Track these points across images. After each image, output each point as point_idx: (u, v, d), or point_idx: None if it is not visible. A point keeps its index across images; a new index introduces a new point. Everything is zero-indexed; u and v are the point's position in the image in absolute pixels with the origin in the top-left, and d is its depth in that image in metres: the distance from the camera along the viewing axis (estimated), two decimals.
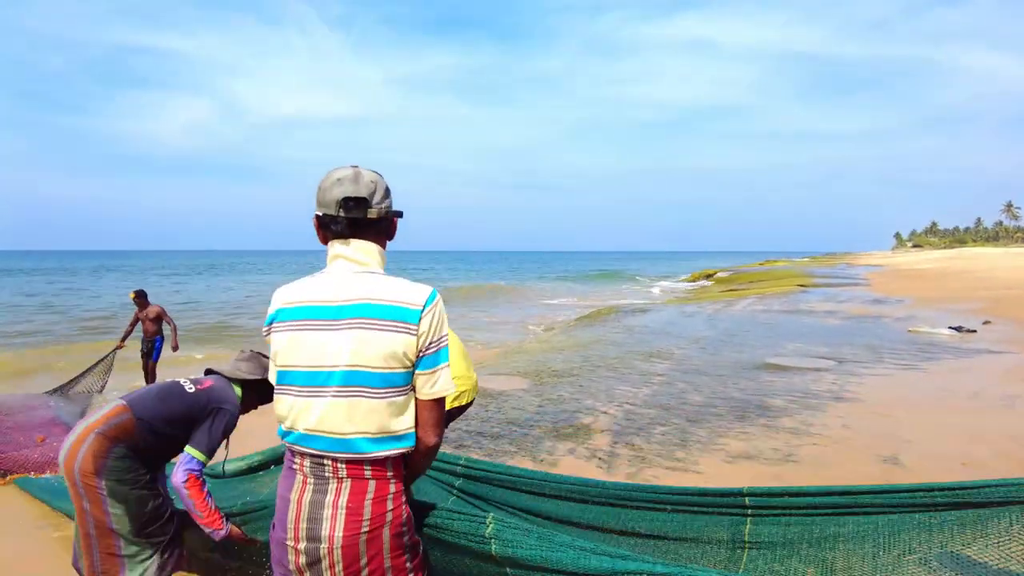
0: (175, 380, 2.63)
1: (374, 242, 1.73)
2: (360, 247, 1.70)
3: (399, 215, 1.80)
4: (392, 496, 1.64)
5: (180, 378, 2.66)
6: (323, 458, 1.62)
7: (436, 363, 1.65)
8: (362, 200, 1.68)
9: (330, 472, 1.62)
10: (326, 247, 1.73)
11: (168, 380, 2.67)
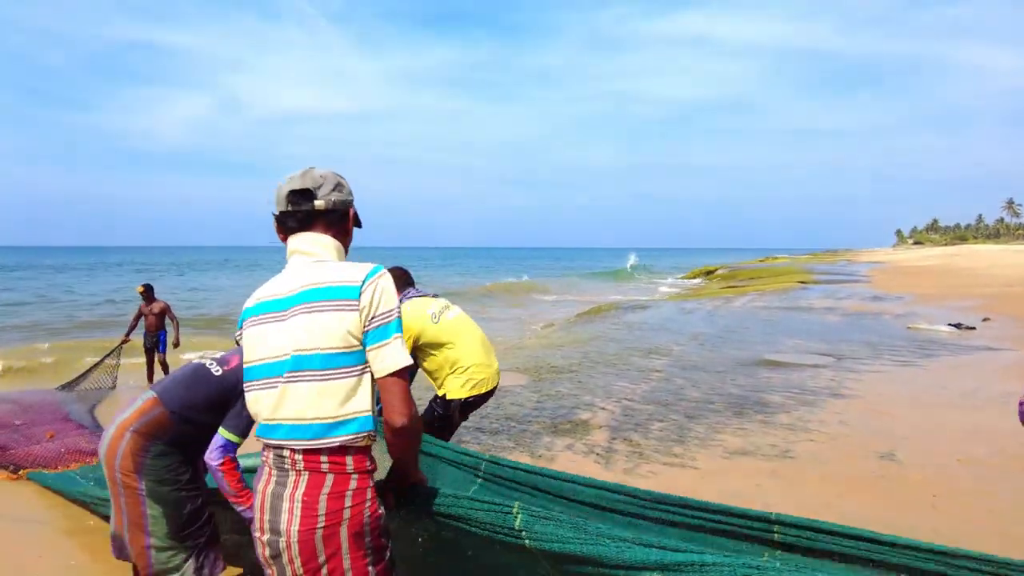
0: (200, 363, 2.53)
1: (326, 233, 1.76)
2: (311, 239, 1.74)
3: (348, 204, 1.80)
4: (352, 492, 1.59)
5: (205, 359, 2.56)
6: (283, 448, 1.63)
7: (383, 336, 1.62)
8: (306, 191, 1.73)
9: (288, 464, 1.62)
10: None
11: (193, 363, 2.55)
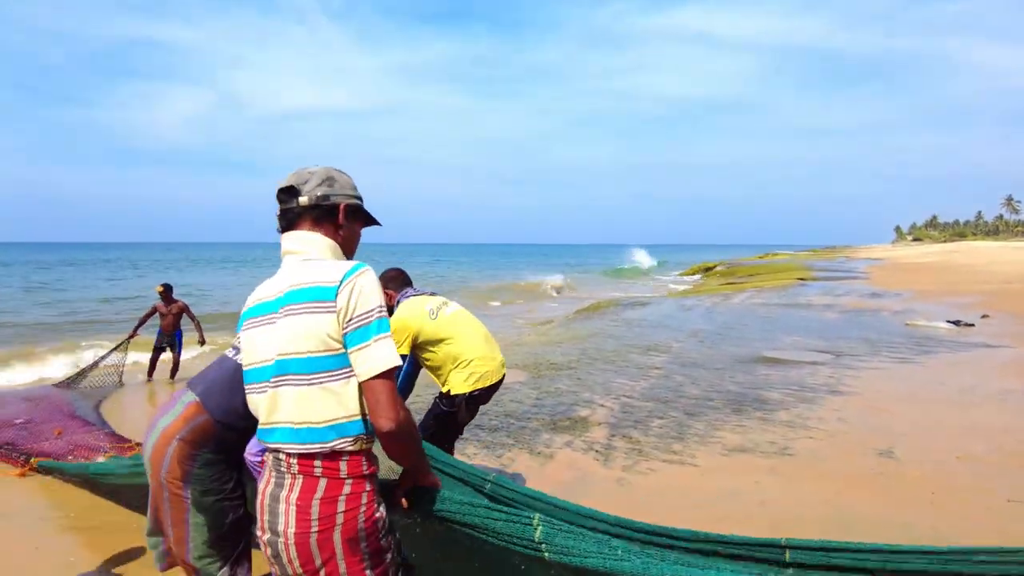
0: (240, 363, 2.34)
1: (315, 231, 1.71)
2: (298, 237, 1.71)
3: (338, 199, 1.73)
4: (345, 497, 1.57)
5: (237, 356, 2.38)
6: (279, 452, 1.63)
7: (364, 338, 1.56)
8: (290, 188, 1.71)
9: (285, 467, 1.61)
10: None
11: (228, 362, 2.40)
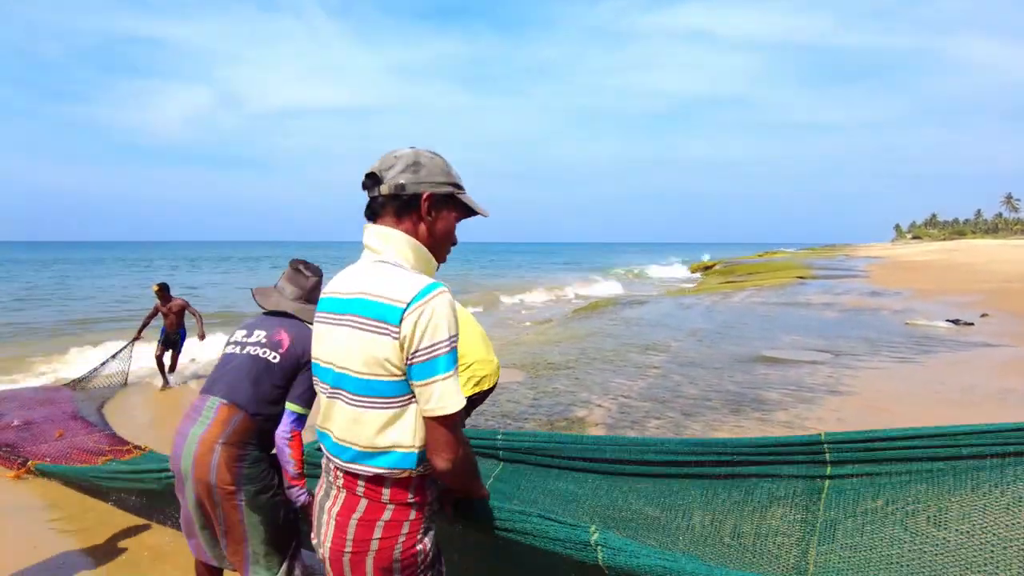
0: (252, 354, 2.38)
1: (396, 226, 1.49)
2: (375, 232, 1.50)
3: (423, 187, 1.49)
4: (384, 524, 1.44)
5: (249, 347, 2.40)
6: (330, 461, 1.53)
7: (429, 374, 1.36)
8: (372, 175, 1.50)
9: (332, 477, 1.53)
10: None
11: (236, 358, 2.39)
